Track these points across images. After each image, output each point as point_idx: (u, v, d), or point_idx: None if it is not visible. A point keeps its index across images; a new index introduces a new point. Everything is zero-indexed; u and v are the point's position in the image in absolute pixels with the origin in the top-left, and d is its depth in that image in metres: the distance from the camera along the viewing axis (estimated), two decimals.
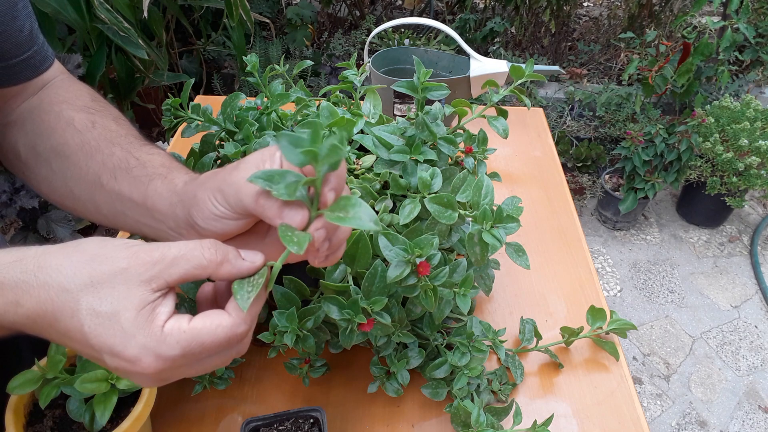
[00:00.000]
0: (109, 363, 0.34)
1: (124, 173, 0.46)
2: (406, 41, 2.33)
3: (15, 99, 0.53)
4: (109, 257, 0.34)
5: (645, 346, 1.91)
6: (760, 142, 1.90)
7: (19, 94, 0.53)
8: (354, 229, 0.50)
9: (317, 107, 0.66)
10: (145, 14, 1.48)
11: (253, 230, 0.41)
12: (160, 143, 2.25)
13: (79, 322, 0.33)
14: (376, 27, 1.43)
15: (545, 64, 1.80)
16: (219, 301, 0.39)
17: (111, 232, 2.01)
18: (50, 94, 0.54)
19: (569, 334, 0.67)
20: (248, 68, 0.69)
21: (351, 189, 0.58)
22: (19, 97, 0.53)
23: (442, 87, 0.62)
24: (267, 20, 2.10)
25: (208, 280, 0.39)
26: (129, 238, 0.64)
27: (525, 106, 0.70)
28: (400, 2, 2.89)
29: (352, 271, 0.54)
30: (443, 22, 2.60)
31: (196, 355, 0.34)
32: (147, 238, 0.47)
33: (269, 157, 0.37)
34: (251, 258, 0.37)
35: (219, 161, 0.61)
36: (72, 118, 0.51)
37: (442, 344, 0.61)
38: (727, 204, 2.08)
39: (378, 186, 0.61)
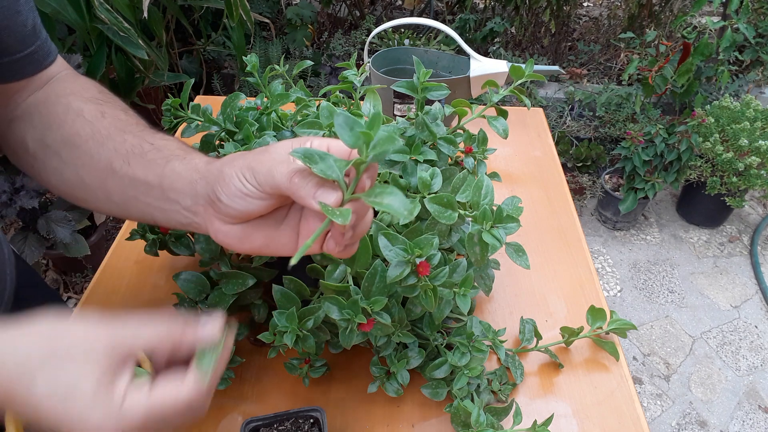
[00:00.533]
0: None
1: (137, 158, 0.46)
2: (406, 41, 2.33)
3: (20, 94, 0.54)
4: (65, 332, 0.34)
5: (645, 346, 1.91)
6: (760, 142, 1.90)
7: (23, 88, 0.53)
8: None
9: (317, 107, 0.66)
10: (145, 14, 1.48)
11: (270, 216, 0.41)
12: None
13: (37, 399, 0.33)
14: (376, 27, 1.43)
15: (545, 64, 1.80)
16: (178, 354, 0.39)
17: (111, 233, 2.01)
18: (57, 88, 0.54)
19: (569, 334, 0.67)
20: (248, 68, 0.69)
21: None
22: (23, 92, 0.54)
23: (442, 87, 0.62)
24: (267, 20, 2.10)
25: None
26: (138, 225, 0.64)
27: (525, 106, 0.70)
28: (400, 2, 2.89)
29: (352, 271, 0.54)
30: (443, 22, 2.60)
31: (157, 422, 0.34)
32: (157, 224, 0.47)
33: (300, 145, 0.37)
34: (211, 327, 0.37)
35: None
36: (81, 108, 0.51)
37: (442, 344, 0.61)
38: (727, 204, 2.08)
39: None
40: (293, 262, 0.35)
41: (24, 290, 0.66)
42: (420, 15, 2.78)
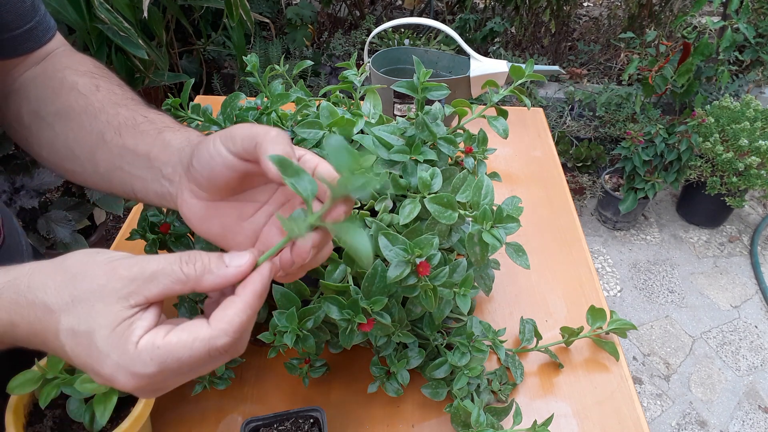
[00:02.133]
0: (95, 379, 0.34)
1: (130, 129, 0.46)
2: (406, 41, 2.33)
3: (18, 68, 0.54)
4: (89, 274, 0.34)
5: (645, 346, 1.91)
6: (760, 142, 1.90)
7: (22, 63, 0.54)
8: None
9: (317, 107, 0.66)
10: (145, 14, 1.48)
11: (234, 205, 0.41)
12: None
13: (61, 342, 0.33)
14: (376, 27, 1.44)
15: (545, 64, 1.80)
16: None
17: (111, 233, 2.00)
18: (53, 62, 0.54)
19: (569, 334, 0.67)
20: (248, 68, 0.69)
21: None
22: (21, 67, 0.54)
23: (442, 87, 0.62)
24: (267, 20, 2.10)
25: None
26: (138, 225, 0.64)
27: (525, 106, 0.70)
28: (400, 2, 2.89)
29: (352, 271, 0.54)
30: (443, 22, 2.60)
31: (174, 370, 0.33)
32: (135, 197, 0.47)
33: (293, 153, 0.37)
34: (236, 262, 0.35)
35: None
36: (76, 82, 0.51)
37: (442, 344, 0.61)
38: (727, 204, 2.08)
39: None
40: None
41: None
42: (420, 15, 2.78)
